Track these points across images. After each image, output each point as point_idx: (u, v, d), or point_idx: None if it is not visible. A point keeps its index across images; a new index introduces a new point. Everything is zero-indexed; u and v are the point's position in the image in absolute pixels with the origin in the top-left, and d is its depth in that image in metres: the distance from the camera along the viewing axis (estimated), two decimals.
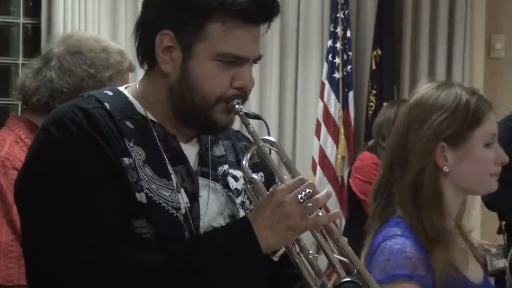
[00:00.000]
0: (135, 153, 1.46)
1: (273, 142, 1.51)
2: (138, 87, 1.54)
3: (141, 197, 1.43)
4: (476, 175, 1.79)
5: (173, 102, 1.49)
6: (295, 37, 4.91)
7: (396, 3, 4.94)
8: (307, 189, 1.39)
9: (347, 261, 1.42)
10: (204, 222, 1.50)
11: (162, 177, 1.47)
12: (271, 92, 4.87)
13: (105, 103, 1.48)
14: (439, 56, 4.99)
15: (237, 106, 1.49)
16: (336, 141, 4.78)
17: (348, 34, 4.80)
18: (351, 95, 4.83)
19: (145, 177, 1.45)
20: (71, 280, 1.38)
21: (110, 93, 1.53)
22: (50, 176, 1.42)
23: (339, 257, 1.41)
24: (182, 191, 1.49)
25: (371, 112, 4.78)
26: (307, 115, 4.92)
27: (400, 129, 1.82)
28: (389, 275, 1.69)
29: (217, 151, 1.59)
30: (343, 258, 1.41)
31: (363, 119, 4.89)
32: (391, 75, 4.87)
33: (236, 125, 1.57)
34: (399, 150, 1.81)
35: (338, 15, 4.79)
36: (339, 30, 4.78)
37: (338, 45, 4.77)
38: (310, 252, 1.42)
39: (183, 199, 1.48)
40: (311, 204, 1.39)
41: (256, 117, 1.59)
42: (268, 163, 1.50)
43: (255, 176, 1.49)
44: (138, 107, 1.52)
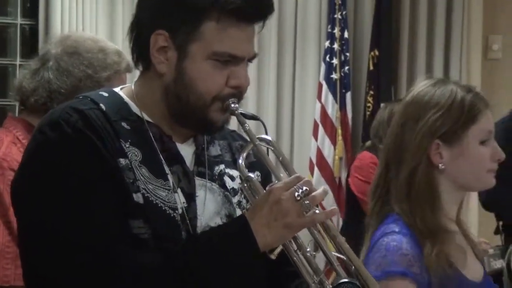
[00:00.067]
0: (131, 154, 1.46)
1: (269, 141, 1.52)
2: (133, 88, 1.54)
3: (138, 197, 1.43)
4: (472, 172, 1.79)
5: (168, 102, 1.49)
6: (292, 38, 4.91)
7: (394, 4, 4.94)
8: (304, 186, 1.40)
9: (344, 258, 1.42)
10: (201, 222, 1.50)
11: (159, 177, 1.47)
12: (268, 92, 4.87)
13: (101, 104, 1.48)
14: (436, 57, 5.00)
15: (232, 105, 1.49)
16: (334, 142, 4.78)
17: (346, 35, 4.80)
18: (348, 96, 4.83)
19: (141, 177, 1.45)
20: (67, 280, 1.39)
21: (106, 94, 1.53)
22: (45, 177, 1.42)
23: (336, 254, 1.42)
24: (179, 191, 1.49)
25: (368, 113, 4.78)
26: (304, 116, 4.92)
27: (396, 128, 1.82)
28: (384, 271, 1.69)
29: (213, 150, 1.59)
30: (340, 255, 1.42)
31: (361, 120, 4.89)
32: (388, 76, 4.87)
33: (234, 125, 1.57)
34: (394, 149, 1.81)
35: (336, 16, 4.79)
36: (336, 31, 4.78)
37: (336, 46, 4.78)
38: (308, 249, 1.43)
39: (179, 199, 1.49)
40: (308, 201, 1.39)
41: (253, 117, 1.59)
42: (264, 161, 1.50)
43: (251, 174, 1.49)
44: (133, 107, 1.52)
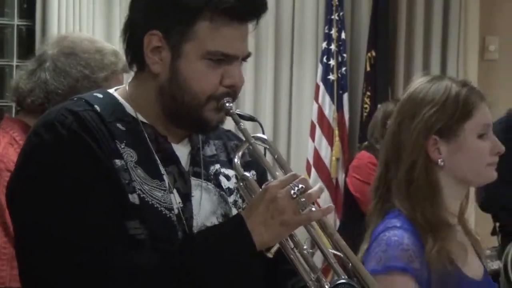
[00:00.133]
0: (126, 155, 1.46)
1: (265, 139, 1.52)
2: (127, 88, 1.54)
3: (133, 198, 1.43)
4: (472, 166, 1.79)
5: (163, 102, 1.49)
6: (289, 39, 4.91)
7: (391, 5, 4.95)
8: (300, 184, 1.40)
9: (341, 255, 1.42)
10: (197, 222, 1.50)
11: (154, 178, 1.47)
12: (265, 93, 4.87)
13: (95, 106, 1.48)
14: (433, 58, 5.00)
15: (227, 104, 1.49)
16: (331, 143, 4.78)
17: (343, 36, 4.81)
18: (345, 97, 4.83)
19: (137, 178, 1.45)
20: (64, 281, 1.39)
21: (100, 95, 1.53)
22: (41, 179, 1.42)
23: (333, 251, 1.42)
24: (175, 191, 1.49)
25: (365, 114, 4.78)
26: (301, 117, 4.92)
27: (393, 127, 1.83)
28: (384, 266, 1.69)
29: (209, 150, 1.59)
30: (337, 253, 1.42)
31: (358, 121, 4.90)
32: (385, 77, 4.87)
33: (230, 125, 1.57)
34: (392, 148, 1.81)
35: (333, 17, 4.79)
36: (333, 32, 4.78)
37: (333, 47, 4.78)
38: (305, 247, 1.43)
39: (175, 199, 1.49)
40: (304, 199, 1.39)
41: (250, 118, 1.60)
42: (260, 160, 1.50)
43: (247, 174, 1.49)
44: (128, 108, 1.52)
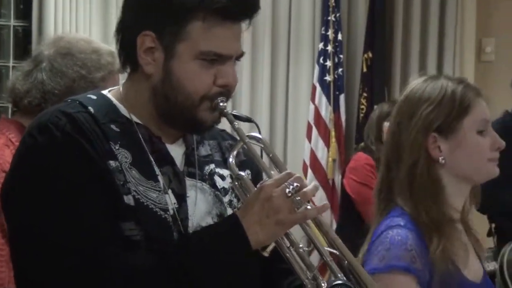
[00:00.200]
0: (121, 156, 1.46)
1: (259, 139, 1.52)
2: (121, 90, 1.54)
3: (128, 199, 1.43)
4: (472, 162, 1.78)
5: (156, 102, 1.49)
6: (286, 40, 4.92)
7: (387, 6, 4.95)
8: (295, 183, 1.40)
9: (337, 253, 1.42)
10: (192, 223, 1.50)
11: (149, 179, 1.47)
12: (262, 94, 4.87)
13: (89, 107, 1.48)
14: (429, 59, 5.01)
15: (221, 104, 1.49)
16: (327, 144, 4.78)
17: (340, 37, 4.81)
18: (342, 98, 4.83)
19: (132, 179, 1.45)
20: (56, 284, 1.38)
21: (94, 97, 1.53)
22: (34, 181, 1.42)
23: (329, 249, 1.42)
24: (170, 192, 1.49)
25: (362, 115, 4.78)
26: (298, 118, 4.92)
27: (392, 128, 1.83)
28: (387, 265, 1.69)
29: (203, 150, 1.59)
30: (333, 251, 1.42)
31: (354, 122, 4.90)
32: (382, 78, 4.87)
33: (225, 124, 1.57)
34: (393, 149, 1.81)
35: (330, 18, 4.79)
36: (330, 33, 4.78)
37: (329, 48, 4.78)
38: (300, 245, 1.43)
39: (170, 200, 1.49)
40: (299, 198, 1.39)
41: (247, 119, 1.60)
42: (254, 159, 1.50)
43: (242, 173, 1.49)
44: (122, 109, 1.52)
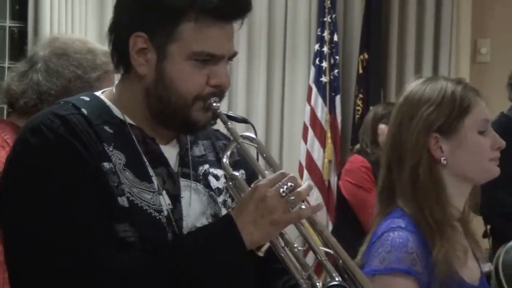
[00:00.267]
0: (115, 158, 1.45)
1: (253, 139, 1.51)
2: (114, 91, 1.54)
3: (122, 201, 1.43)
4: (474, 162, 1.79)
5: (149, 103, 1.49)
6: (282, 41, 4.92)
7: (383, 7, 4.96)
8: (289, 182, 1.40)
9: (332, 252, 1.42)
10: (187, 223, 1.50)
11: (143, 180, 1.47)
12: (258, 95, 4.87)
13: (82, 109, 1.48)
14: (425, 61, 5.01)
15: (214, 104, 1.48)
16: (323, 145, 4.78)
17: (335, 38, 4.81)
18: (338, 99, 4.83)
19: (126, 181, 1.45)
20: (50, 285, 1.38)
21: (87, 98, 1.53)
22: (27, 182, 1.41)
23: (324, 248, 1.42)
24: (164, 193, 1.49)
25: (358, 116, 4.78)
26: (294, 119, 4.92)
27: (393, 128, 1.83)
28: (387, 267, 1.69)
29: (197, 151, 1.59)
30: (328, 250, 1.42)
31: (350, 123, 4.90)
32: (377, 79, 4.88)
33: (220, 124, 1.56)
34: (394, 149, 1.81)
35: (325, 19, 4.79)
36: (326, 34, 4.79)
37: (325, 49, 4.78)
38: (295, 245, 1.43)
39: (165, 201, 1.48)
40: (293, 197, 1.39)
41: (243, 120, 1.60)
42: (248, 159, 1.50)
43: (236, 173, 1.49)
44: (115, 111, 1.51)
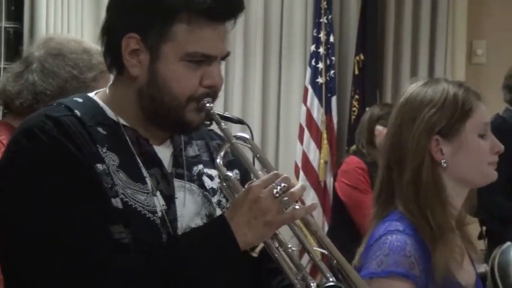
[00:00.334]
0: (108, 159, 1.45)
1: (246, 139, 1.51)
2: (107, 92, 1.54)
3: (116, 202, 1.43)
4: (473, 165, 1.79)
5: (143, 104, 1.49)
6: (278, 42, 4.92)
7: (379, 8, 4.97)
8: (282, 183, 1.40)
9: (326, 252, 1.42)
10: (181, 224, 1.50)
11: (137, 181, 1.47)
12: (254, 96, 4.87)
13: (75, 111, 1.48)
14: (421, 62, 5.02)
15: (207, 105, 1.48)
16: (319, 146, 4.79)
17: (331, 39, 4.82)
18: (334, 100, 4.84)
19: (119, 182, 1.44)
20: (48, 286, 1.38)
21: (80, 100, 1.52)
22: (22, 184, 1.41)
23: (318, 249, 1.42)
24: (158, 194, 1.49)
25: (353, 117, 4.79)
26: (290, 120, 4.92)
27: (393, 129, 1.82)
28: (385, 271, 1.69)
29: (191, 151, 1.59)
30: (322, 250, 1.42)
31: (346, 124, 4.91)
32: (373, 80, 4.88)
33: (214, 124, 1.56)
34: (394, 149, 1.80)
35: (321, 20, 4.80)
36: (322, 35, 4.79)
37: (321, 50, 4.79)
38: (289, 245, 1.43)
39: (159, 202, 1.48)
40: (287, 198, 1.39)
41: (239, 121, 1.59)
42: (242, 160, 1.50)
43: (230, 173, 1.49)
44: (109, 112, 1.51)
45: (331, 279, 1.38)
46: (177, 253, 1.41)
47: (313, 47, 4.81)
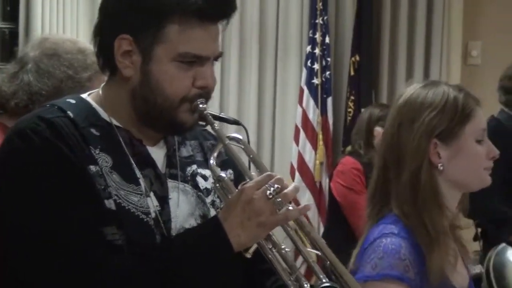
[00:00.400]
0: (101, 160, 1.45)
1: (239, 140, 1.51)
2: (100, 93, 1.54)
3: (110, 204, 1.43)
4: (470, 170, 1.79)
5: (135, 105, 1.49)
6: (274, 43, 4.92)
7: (375, 9, 4.97)
8: (275, 184, 1.40)
9: (319, 253, 1.42)
10: (175, 225, 1.50)
11: (130, 182, 1.47)
12: (250, 97, 4.87)
13: (68, 112, 1.47)
14: (416, 63, 5.02)
15: (200, 106, 1.48)
16: (315, 147, 4.79)
17: (327, 40, 4.82)
18: (329, 101, 4.84)
19: (113, 183, 1.44)
20: (46, 286, 1.38)
21: (73, 101, 1.52)
22: (18, 184, 1.41)
23: (311, 250, 1.42)
24: (152, 194, 1.49)
25: (349, 118, 4.79)
26: (285, 121, 4.92)
27: (391, 129, 1.81)
28: (379, 273, 1.69)
29: (185, 151, 1.59)
30: (315, 251, 1.42)
31: (342, 125, 4.91)
32: (369, 81, 4.88)
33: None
34: (392, 150, 1.80)
35: (317, 21, 4.80)
36: (318, 36, 4.79)
37: (317, 51, 4.79)
38: (283, 246, 1.43)
39: (153, 203, 1.48)
40: (280, 199, 1.39)
41: (235, 122, 1.59)
42: (235, 161, 1.50)
43: (223, 174, 1.49)
44: (102, 113, 1.51)
45: (324, 280, 1.38)
46: (171, 254, 1.41)
47: (308, 48, 4.81)
